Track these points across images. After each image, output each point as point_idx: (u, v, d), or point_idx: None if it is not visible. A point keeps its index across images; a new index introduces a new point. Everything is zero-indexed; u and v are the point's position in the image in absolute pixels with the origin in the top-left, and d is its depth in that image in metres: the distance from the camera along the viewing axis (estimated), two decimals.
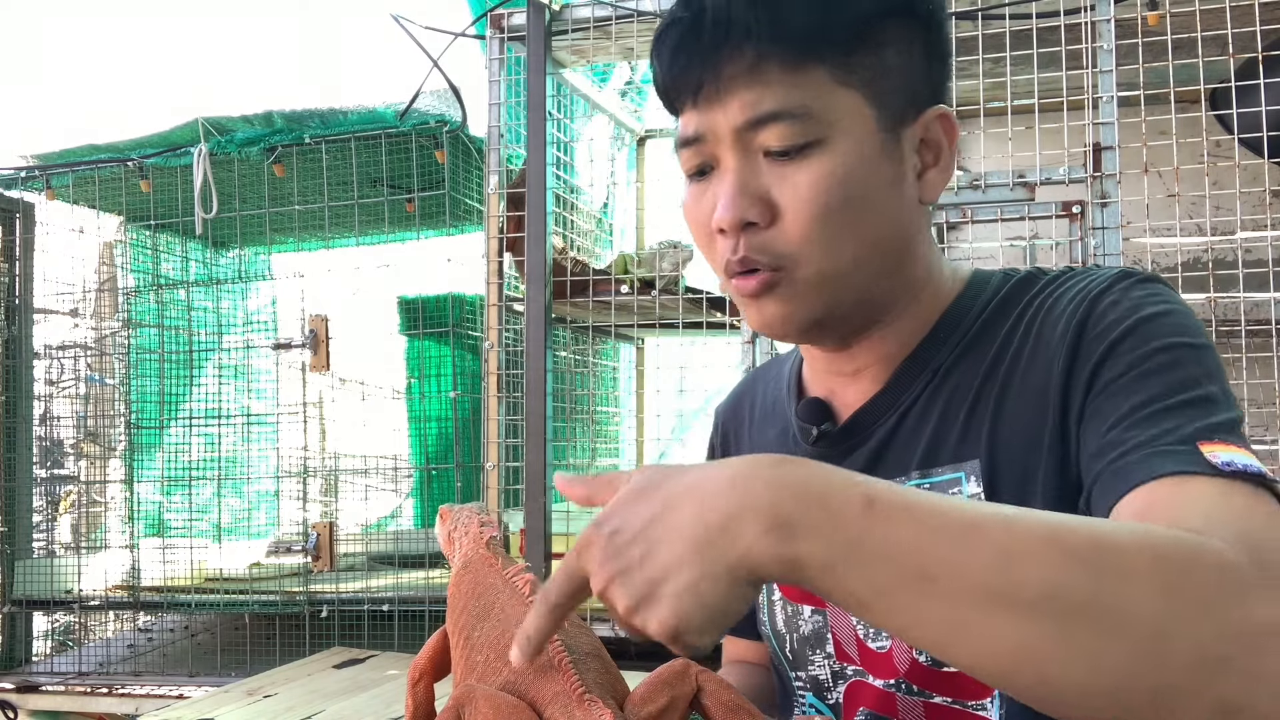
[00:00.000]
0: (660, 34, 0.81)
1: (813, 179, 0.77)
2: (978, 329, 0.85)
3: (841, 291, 0.81)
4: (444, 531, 0.97)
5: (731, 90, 0.77)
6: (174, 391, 3.18)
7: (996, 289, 0.87)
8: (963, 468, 0.82)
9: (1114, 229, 2.09)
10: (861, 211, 0.79)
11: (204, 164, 2.79)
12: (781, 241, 0.78)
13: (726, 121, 0.78)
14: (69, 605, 3.07)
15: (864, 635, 0.87)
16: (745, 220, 0.78)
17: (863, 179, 0.78)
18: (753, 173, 0.78)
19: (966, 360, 0.84)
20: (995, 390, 0.81)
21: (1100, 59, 2.11)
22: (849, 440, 0.89)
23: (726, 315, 2.53)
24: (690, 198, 0.84)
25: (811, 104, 0.76)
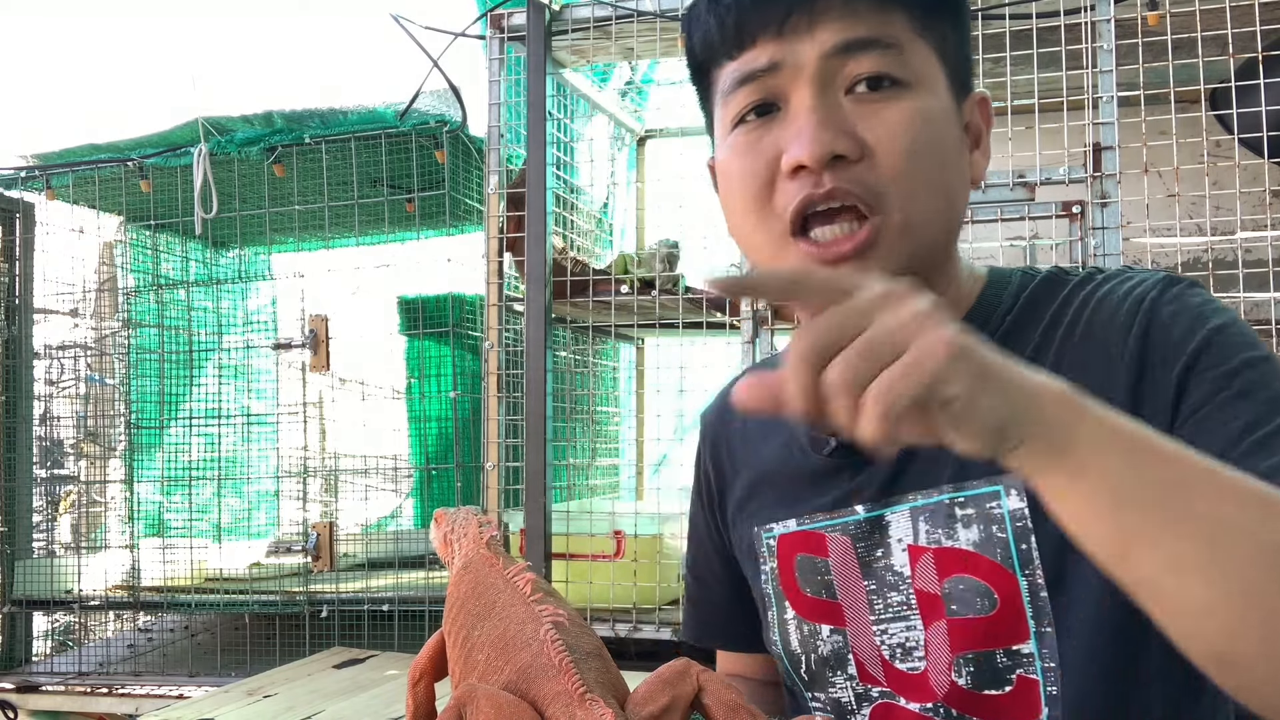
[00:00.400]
0: None
1: (905, 115, 0.74)
2: (1007, 329, 0.82)
3: (919, 248, 0.77)
4: (439, 534, 0.97)
5: (824, 18, 0.75)
6: (174, 391, 3.17)
7: (1020, 287, 0.84)
8: (1000, 481, 0.78)
9: (1114, 229, 2.09)
10: (945, 161, 0.77)
11: (204, 164, 2.79)
12: (873, 176, 0.74)
13: (814, 49, 0.75)
14: (69, 605, 3.07)
15: (889, 656, 0.83)
16: (834, 153, 0.73)
17: (945, 131, 0.77)
18: (836, 108, 0.75)
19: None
20: None
21: (1100, 59, 2.11)
22: (868, 451, 0.82)
23: (726, 315, 2.53)
24: (738, 147, 0.79)
25: (902, 42, 0.76)
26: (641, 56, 2.79)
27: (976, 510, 0.79)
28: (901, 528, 0.83)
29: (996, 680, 0.78)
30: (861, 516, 0.85)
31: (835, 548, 0.86)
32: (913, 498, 0.82)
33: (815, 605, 0.88)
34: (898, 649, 0.83)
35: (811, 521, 0.88)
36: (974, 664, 0.79)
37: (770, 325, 2.27)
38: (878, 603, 0.84)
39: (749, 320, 2.27)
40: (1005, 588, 0.78)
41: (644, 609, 2.38)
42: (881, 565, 0.84)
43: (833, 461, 0.87)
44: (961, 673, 0.79)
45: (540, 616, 0.76)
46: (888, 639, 0.83)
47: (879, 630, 0.84)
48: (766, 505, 0.93)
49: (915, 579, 0.82)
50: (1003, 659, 0.78)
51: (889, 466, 0.84)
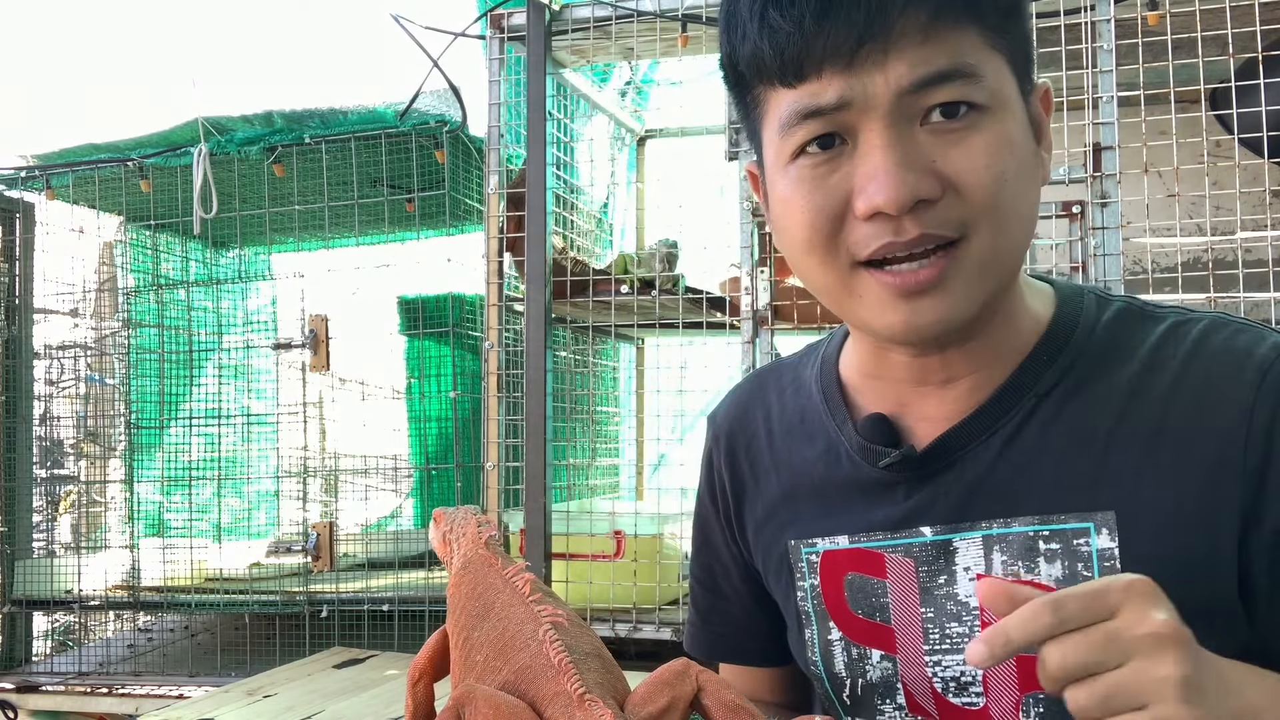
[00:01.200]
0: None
1: (990, 143, 0.69)
2: (1091, 359, 0.78)
3: (1001, 278, 0.73)
4: (438, 534, 0.97)
5: (900, 48, 0.68)
6: (174, 391, 3.17)
7: (1096, 315, 0.80)
8: (1093, 518, 0.75)
9: (1114, 229, 2.09)
10: (1027, 185, 0.73)
11: (204, 164, 2.79)
12: (959, 212, 0.69)
13: (890, 84, 0.68)
14: (69, 605, 3.07)
15: (941, 690, 0.80)
16: (916, 197, 0.68)
17: (1025, 150, 0.73)
18: (912, 143, 0.69)
19: (1085, 393, 0.77)
20: (1136, 441, 0.74)
21: (1100, 59, 2.11)
22: (932, 466, 0.80)
23: (726, 315, 2.53)
24: (800, 182, 0.73)
25: (979, 64, 0.70)
26: (641, 56, 2.79)
27: (1062, 546, 0.76)
28: (971, 556, 0.79)
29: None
30: (928, 540, 0.81)
31: (895, 570, 0.82)
32: (987, 525, 0.78)
33: (867, 629, 0.84)
34: (951, 682, 0.80)
35: (869, 539, 0.84)
36: (1044, 705, 0.76)
37: (770, 325, 2.27)
38: (934, 632, 0.80)
39: (749, 320, 2.27)
40: None
41: (644, 609, 2.38)
42: (943, 594, 0.80)
43: (889, 475, 0.82)
44: (1030, 713, 0.77)
45: (539, 617, 0.76)
46: (941, 671, 0.80)
47: (931, 661, 0.80)
48: (805, 517, 0.88)
49: (984, 611, 0.78)
50: None
51: (959, 488, 0.80)
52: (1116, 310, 0.80)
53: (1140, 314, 0.80)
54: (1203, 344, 0.75)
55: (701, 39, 2.43)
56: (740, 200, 2.29)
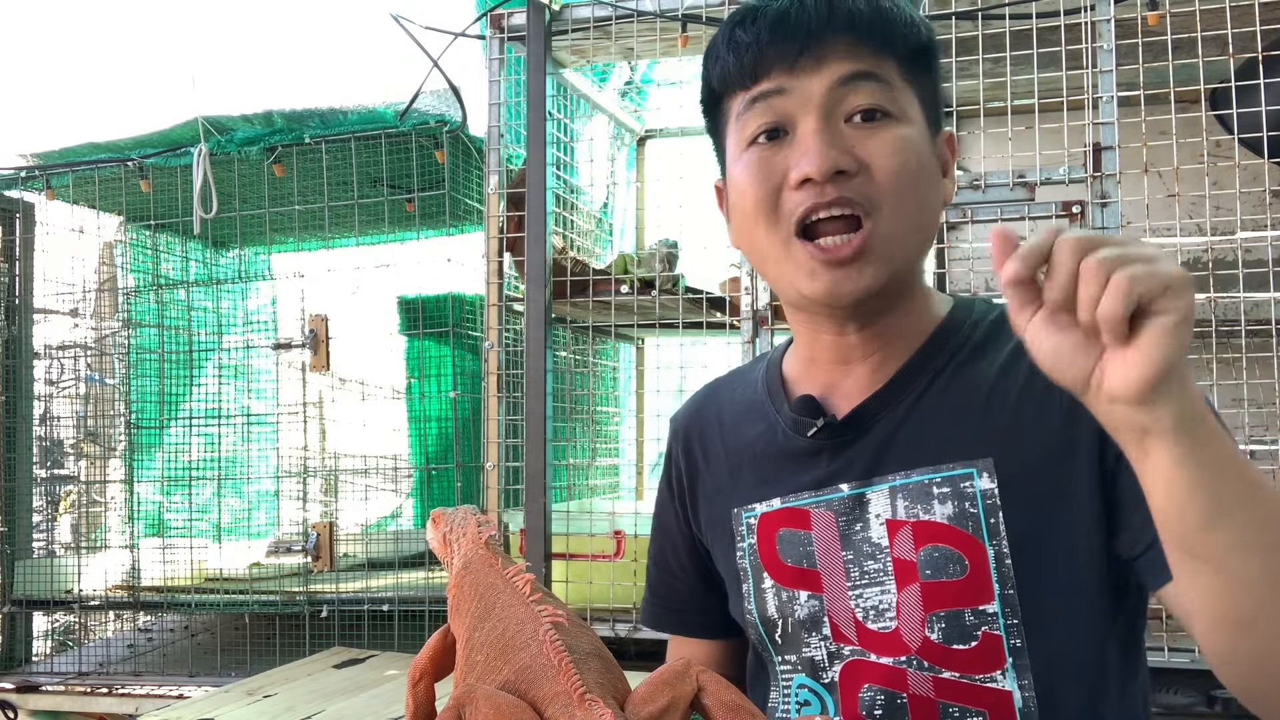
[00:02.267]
0: (748, 13, 0.92)
1: (896, 140, 0.89)
2: (977, 341, 0.95)
3: (903, 254, 0.91)
4: (438, 535, 0.97)
5: (830, 57, 0.89)
6: (174, 391, 3.17)
7: (985, 311, 0.98)
8: (975, 464, 0.90)
9: (1114, 229, 2.09)
10: (924, 183, 0.91)
11: (204, 164, 2.79)
12: (869, 187, 0.88)
13: (821, 82, 0.89)
14: (69, 605, 3.07)
15: (863, 618, 0.93)
16: (837, 167, 0.87)
17: (925, 159, 0.92)
18: (837, 132, 0.89)
19: (970, 369, 0.94)
20: (1010, 399, 0.91)
21: (1100, 59, 2.11)
22: (849, 432, 0.96)
23: (726, 315, 2.53)
24: (750, 164, 0.92)
25: (893, 82, 0.90)
26: (641, 56, 2.79)
27: (951, 489, 0.91)
28: (880, 504, 0.94)
29: (964, 636, 0.89)
30: (845, 494, 0.96)
31: (819, 522, 0.97)
32: (893, 478, 0.94)
33: (795, 574, 0.98)
34: (870, 610, 0.93)
35: (797, 499, 0.98)
36: (945, 621, 0.90)
37: (770, 325, 2.27)
38: (854, 570, 0.94)
39: (749, 320, 2.27)
40: (975, 555, 0.89)
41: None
42: (860, 538, 0.94)
43: (815, 443, 0.97)
44: (934, 629, 0.90)
45: (539, 617, 0.76)
46: (862, 602, 0.94)
47: (854, 595, 0.94)
48: (747, 486, 1.03)
49: (894, 549, 0.93)
50: (970, 617, 0.89)
51: (871, 449, 0.95)
52: (1000, 311, 0.97)
53: None
54: None
55: (701, 39, 2.43)
56: None
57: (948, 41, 2.24)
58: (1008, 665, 0.88)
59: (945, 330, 0.97)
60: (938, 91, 0.97)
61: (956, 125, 3.14)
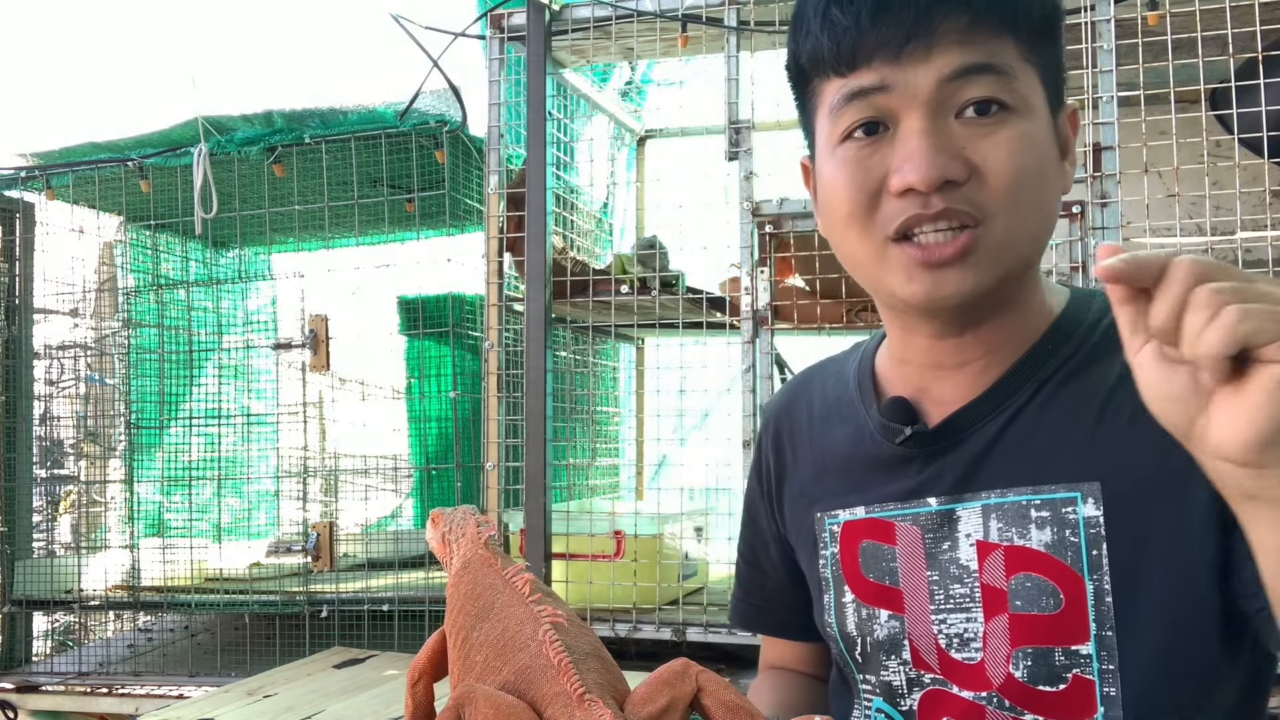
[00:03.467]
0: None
1: (1013, 139, 0.78)
2: (1090, 349, 0.85)
3: (1014, 262, 0.81)
4: (437, 534, 0.97)
5: (943, 45, 0.78)
6: (174, 391, 3.17)
7: (1102, 310, 0.86)
8: (1080, 488, 0.82)
9: (1114, 229, 2.09)
10: (1045, 182, 0.81)
11: (204, 164, 2.79)
12: (981, 196, 0.78)
13: (931, 74, 0.78)
14: (69, 605, 3.07)
15: (945, 645, 0.86)
16: (945, 178, 0.77)
17: (1046, 152, 0.82)
18: (946, 132, 0.78)
19: (1081, 379, 0.84)
20: (1124, 416, 0.80)
21: (1100, 59, 2.11)
22: (942, 441, 0.88)
23: (726, 315, 2.53)
24: (845, 162, 0.82)
25: (1012, 68, 0.79)
26: (641, 56, 2.79)
27: (1051, 513, 0.82)
28: (972, 523, 0.86)
29: (1052, 677, 0.81)
30: (934, 509, 0.88)
31: (904, 537, 0.90)
32: (987, 495, 0.86)
33: (876, 590, 0.91)
34: (954, 639, 0.86)
35: (881, 510, 0.91)
36: (1032, 659, 0.82)
37: (770, 325, 2.27)
38: (939, 593, 0.87)
39: (749, 320, 2.27)
40: (1072, 589, 0.81)
41: (644, 609, 2.38)
42: (947, 558, 0.87)
43: (905, 450, 0.89)
44: (1019, 666, 0.83)
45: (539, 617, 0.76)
46: (945, 628, 0.87)
47: (938, 619, 0.87)
48: (831, 492, 0.96)
49: (983, 574, 0.85)
50: (1060, 657, 0.81)
51: (964, 462, 0.87)
52: None
53: None
54: None
55: (701, 39, 2.43)
56: (740, 200, 2.29)
57: None
58: (1099, 715, 0.80)
59: (1057, 332, 0.86)
60: (1061, 64, 0.86)
61: None
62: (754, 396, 2.25)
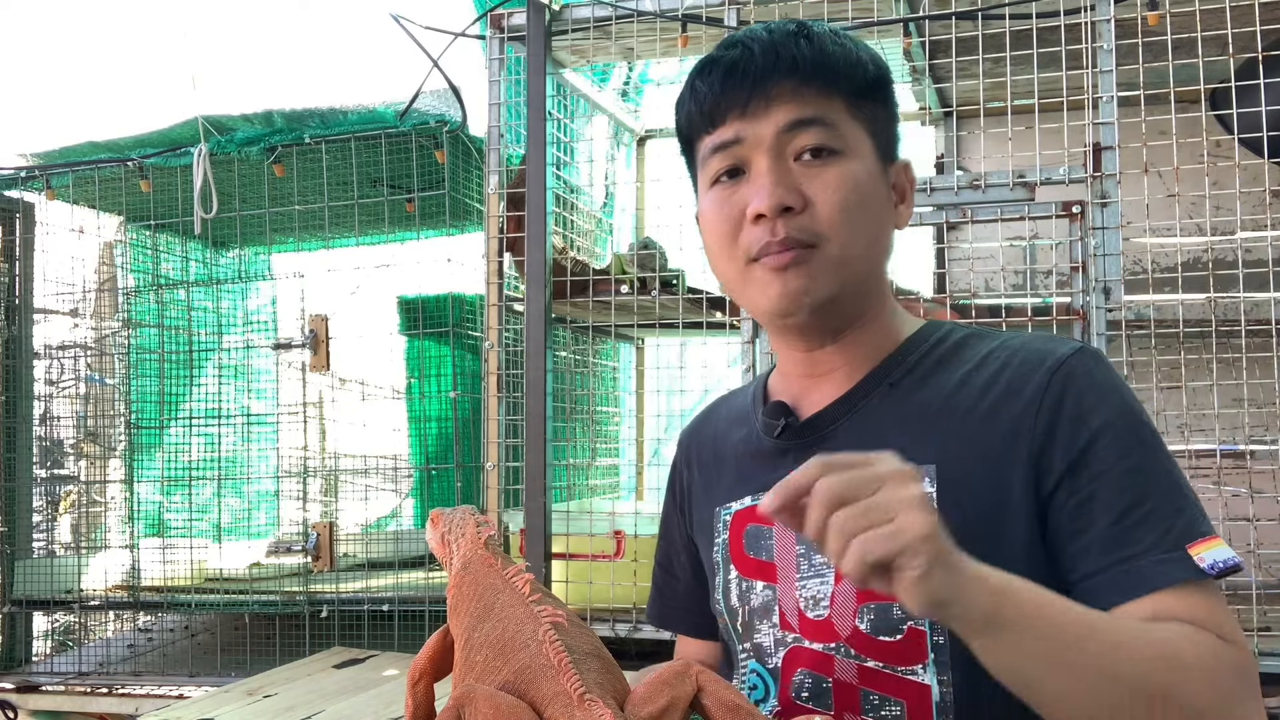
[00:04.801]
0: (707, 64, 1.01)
1: (839, 177, 0.97)
2: (935, 360, 1.02)
3: (849, 276, 0.99)
4: (436, 535, 0.97)
5: (779, 103, 0.97)
6: (174, 391, 3.17)
7: (947, 333, 1.05)
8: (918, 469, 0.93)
9: (1114, 229, 2.09)
10: (870, 214, 0.99)
11: (204, 164, 2.79)
12: (814, 222, 0.96)
13: (770, 127, 0.97)
14: (69, 605, 3.07)
15: (804, 607, 1.00)
16: (784, 205, 0.95)
17: (871, 190, 1.00)
18: (786, 172, 0.97)
19: (927, 383, 1.01)
20: (956, 415, 0.97)
21: (1100, 59, 2.11)
22: (808, 435, 1.04)
23: (726, 315, 2.53)
24: (714, 200, 1.02)
25: (838, 121, 0.98)
26: (641, 56, 2.80)
27: None
28: None
29: (891, 629, 0.95)
30: None
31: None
32: None
33: (755, 565, 1.05)
34: (810, 600, 1.00)
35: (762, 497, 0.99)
36: (874, 613, 0.96)
37: None
38: (804, 564, 1.01)
39: (748, 320, 2.27)
40: None
41: (644, 609, 2.38)
42: None
43: (781, 444, 1.05)
44: (864, 620, 0.96)
45: (539, 617, 0.76)
46: (805, 592, 1.00)
47: (800, 585, 1.01)
48: (726, 485, 1.12)
49: None
50: (898, 611, 0.95)
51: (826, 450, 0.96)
52: (963, 334, 1.05)
53: (981, 336, 1.05)
54: (1020, 349, 0.99)
55: (701, 39, 2.44)
56: None
57: (948, 41, 2.24)
58: (929, 660, 0.94)
59: (906, 347, 1.04)
60: (892, 122, 1.05)
61: (956, 125, 3.15)
62: None
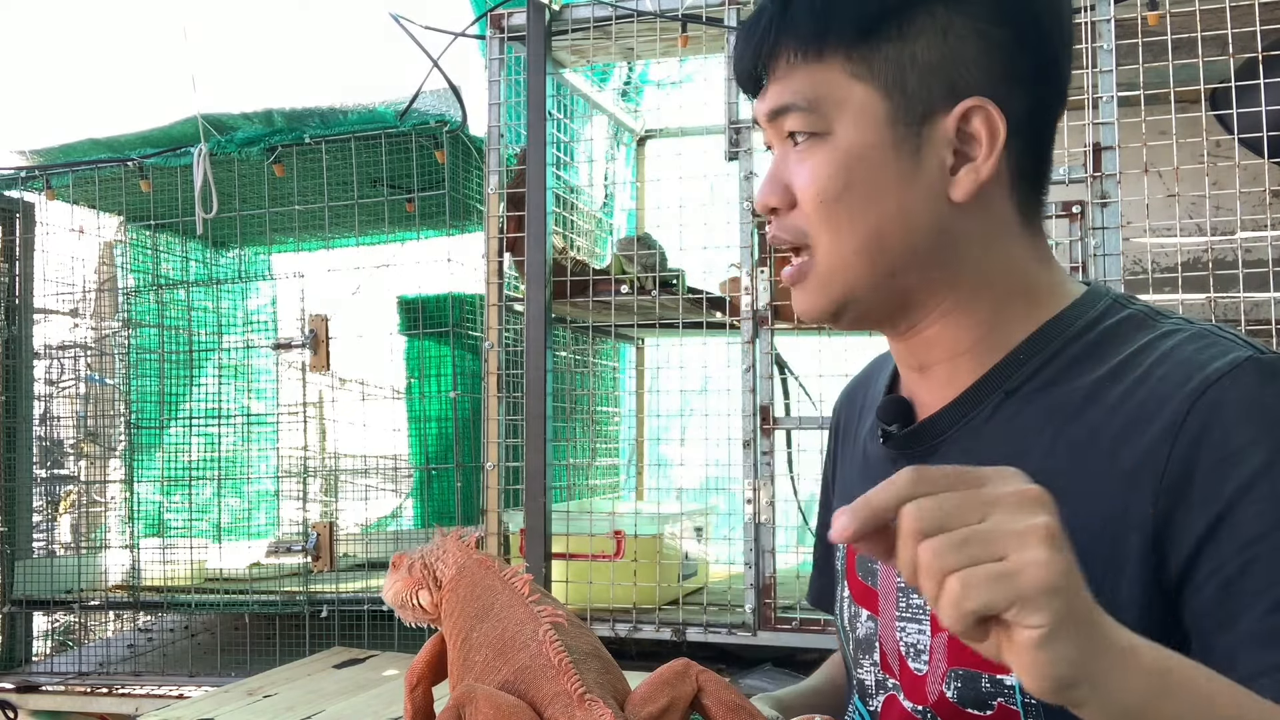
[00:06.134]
0: (741, 29, 0.88)
1: (812, 167, 0.81)
2: (1067, 362, 0.80)
3: (852, 279, 0.82)
4: (403, 570, 0.93)
5: (772, 85, 0.84)
6: (174, 391, 3.17)
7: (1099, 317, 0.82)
8: None
9: (1114, 229, 2.09)
10: (864, 202, 0.80)
11: (204, 164, 2.79)
12: (795, 222, 0.84)
13: (761, 113, 0.85)
14: (69, 605, 3.07)
15: (905, 653, 0.86)
16: (769, 206, 0.85)
17: (864, 171, 0.80)
18: (783, 160, 0.84)
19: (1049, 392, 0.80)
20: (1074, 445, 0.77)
21: (1100, 59, 2.11)
22: (914, 448, 0.88)
23: (726, 315, 2.53)
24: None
25: (822, 96, 0.81)
26: (641, 56, 2.79)
27: None
28: None
29: (979, 702, 0.79)
30: None
31: None
32: None
33: (862, 590, 0.92)
34: (911, 648, 0.86)
35: None
36: (962, 680, 0.81)
37: (770, 325, 2.27)
38: (902, 601, 0.87)
39: (749, 320, 2.27)
40: None
41: (644, 609, 2.38)
42: None
43: (890, 451, 0.90)
44: (950, 686, 0.81)
45: (539, 617, 0.76)
46: (905, 636, 0.86)
47: (900, 627, 0.87)
48: (849, 485, 0.99)
49: None
50: (987, 684, 0.79)
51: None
52: (1121, 318, 0.82)
53: (1141, 322, 0.81)
54: (1170, 354, 0.76)
55: (701, 39, 2.43)
56: (740, 200, 2.29)
57: None
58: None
59: (1035, 341, 0.82)
60: (907, 64, 0.79)
61: None
62: (754, 396, 2.25)
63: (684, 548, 2.57)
